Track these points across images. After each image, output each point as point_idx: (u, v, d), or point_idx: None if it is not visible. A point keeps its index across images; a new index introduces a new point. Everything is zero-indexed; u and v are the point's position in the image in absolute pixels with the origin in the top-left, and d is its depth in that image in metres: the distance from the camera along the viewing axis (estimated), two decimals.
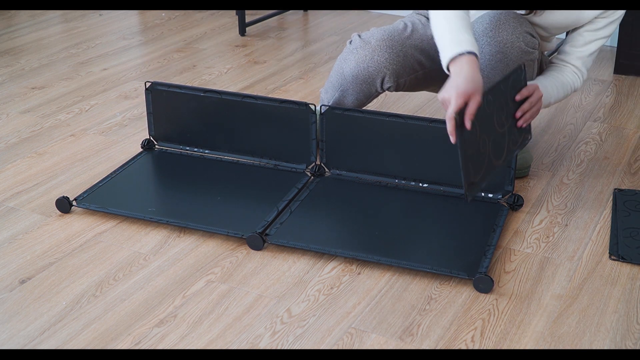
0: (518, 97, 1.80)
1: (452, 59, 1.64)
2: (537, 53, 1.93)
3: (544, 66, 2.07)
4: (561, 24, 1.97)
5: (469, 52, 1.63)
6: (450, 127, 1.58)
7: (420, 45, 2.00)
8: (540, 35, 2.00)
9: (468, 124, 1.59)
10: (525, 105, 1.81)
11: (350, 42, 2.01)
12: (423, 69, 2.02)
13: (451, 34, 1.66)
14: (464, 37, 1.65)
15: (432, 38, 1.98)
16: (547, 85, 1.96)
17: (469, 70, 1.61)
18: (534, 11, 1.90)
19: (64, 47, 3.17)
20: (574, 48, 2.00)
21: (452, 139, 1.58)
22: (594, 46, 1.98)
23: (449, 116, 1.58)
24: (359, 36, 2.00)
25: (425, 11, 2.11)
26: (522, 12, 1.93)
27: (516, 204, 1.92)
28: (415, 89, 2.09)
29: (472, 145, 1.62)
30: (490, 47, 1.86)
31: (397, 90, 2.02)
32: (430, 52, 2.01)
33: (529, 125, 1.87)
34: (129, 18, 3.58)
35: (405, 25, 2.02)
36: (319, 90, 2.69)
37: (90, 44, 3.21)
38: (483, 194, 1.93)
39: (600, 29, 1.96)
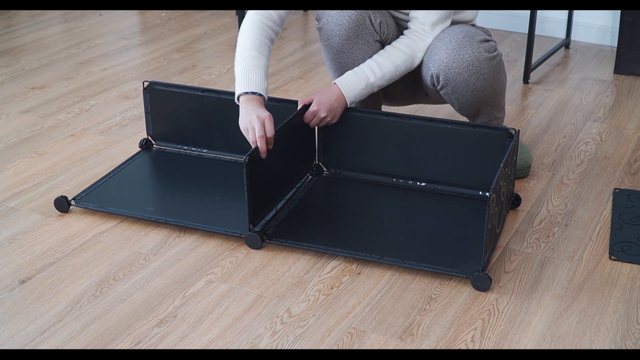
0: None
1: (241, 95, 1.85)
2: (499, 52, 1.93)
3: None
4: None
5: (254, 93, 1.85)
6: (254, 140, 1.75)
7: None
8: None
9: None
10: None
11: None
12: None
13: (243, 73, 1.87)
14: (254, 78, 1.86)
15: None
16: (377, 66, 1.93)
17: (257, 106, 1.82)
18: None
19: (64, 47, 3.17)
20: None
21: (264, 156, 1.75)
22: None
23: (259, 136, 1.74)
24: None
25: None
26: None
27: (513, 202, 1.92)
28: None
29: (491, 221, 1.63)
30: (462, 74, 1.88)
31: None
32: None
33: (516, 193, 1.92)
34: (129, 18, 3.58)
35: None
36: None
37: (90, 44, 3.21)
38: (480, 193, 1.93)
39: None
